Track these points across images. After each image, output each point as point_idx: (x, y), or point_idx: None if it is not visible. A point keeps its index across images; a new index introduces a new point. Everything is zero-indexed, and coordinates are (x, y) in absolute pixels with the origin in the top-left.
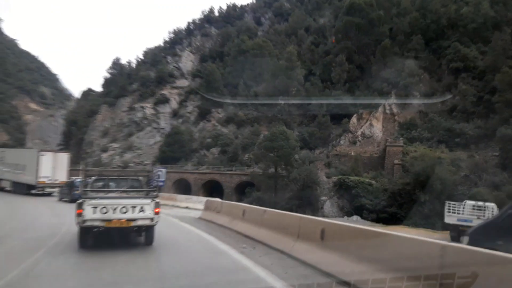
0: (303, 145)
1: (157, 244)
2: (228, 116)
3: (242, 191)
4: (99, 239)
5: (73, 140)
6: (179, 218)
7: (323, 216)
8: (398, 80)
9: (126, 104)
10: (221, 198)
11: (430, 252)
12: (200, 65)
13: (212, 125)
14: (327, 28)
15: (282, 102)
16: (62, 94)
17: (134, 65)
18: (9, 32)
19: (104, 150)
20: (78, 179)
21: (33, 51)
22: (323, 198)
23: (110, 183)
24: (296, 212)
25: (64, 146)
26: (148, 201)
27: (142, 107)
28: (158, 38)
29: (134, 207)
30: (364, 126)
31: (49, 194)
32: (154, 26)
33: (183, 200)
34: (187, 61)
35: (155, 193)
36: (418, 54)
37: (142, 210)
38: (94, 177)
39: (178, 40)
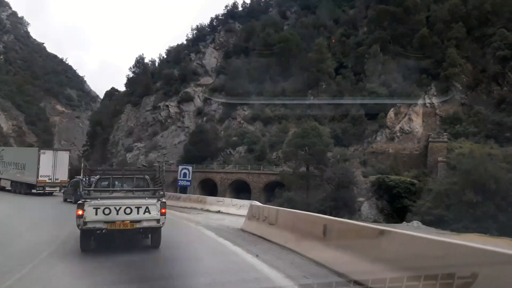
0: (336, 142)
1: None
2: (254, 113)
3: (271, 192)
4: (102, 242)
5: (98, 140)
6: (214, 230)
7: (361, 219)
8: (438, 71)
9: (150, 103)
10: (249, 199)
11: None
12: (224, 61)
13: (238, 123)
14: (358, 19)
15: (311, 99)
16: (88, 96)
17: (157, 64)
18: (37, 36)
19: (129, 150)
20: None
21: (60, 54)
22: (360, 199)
23: (115, 182)
24: (331, 214)
25: (89, 146)
26: (154, 201)
27: (166, 106)
28: (181, 35)
29: (138, 207)
30: (402, 121)
31: (50, 194)
32: (177, 24)
33: (213, 203)
34: (211, 57)
35: (161, 192)
36: (459, 43)
37: (147, 210)
38: (97, 176)
39: (201, 36)
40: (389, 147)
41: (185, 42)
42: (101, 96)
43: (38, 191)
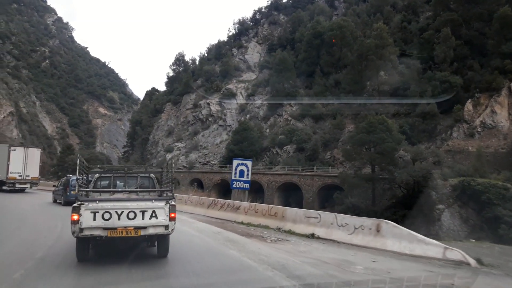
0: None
1: None
2: (304, 109)
3: (326, 196)
4: (101, 250)
5: (137, 140)
6: None
7: (442, 231)
8: None
9: (190, 101)
10: (301, 204)
11: None
12: (268, 55)
13: (285, 120)
14: (418, 4)
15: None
16: (129, 99)
17: (197, 62)
18: (80, 40)
19: (169, 150)
20: (74, 177)
21: (103, 58)
22: (440, 206)
23: (116, 182)
24: (404, 225)
25: (129, 147)
26: (161, 204)
27: (207, 104)
28: (222, 33)
29: (144, 211)
30: (483, 114)
31: (22, 190)
32: (218, 21)
33: (299, 219)
34: (254, 52)
35: (170, 194)
36: None
37: (154, 215)
38: (97, 175)
39: (243, 31)
40: (468, 144)
41: (226, 39)
42: (142, 98)
43: (8, 188)
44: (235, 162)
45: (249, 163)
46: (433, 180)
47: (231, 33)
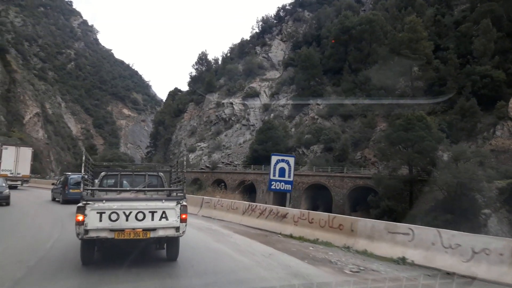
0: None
1: None
2: (331, 107)
3: (357, 199)
4: (106, 252)
5: (160, 140)
6: None
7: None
8: None
9: (213, 101)
10: (329, 207)
11: None
12: (292, 53)
13: (311, 119)
14: None
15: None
16: (153, 100)
17: (220, 62)
18: (105, 42)
19: (192, 150)
20: (73, 175)
21: (127, 60)
22: (486, 211)
23: (123, 181)
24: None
25: (152, 148)
26: (172, 204)
27: (230, 103)
28: (245, 31)
29: (153, 212)
30: None
31: (14, 187)
32: (241, 20)
33: (378, 235)
34: (278, 50)
35: (181, 194)
36: None
37: (164, 216)
38: (103, 173)
39: (267, 28)
40: None
41: (249, 37)
42: (165, 100)
43: None
44: (274, 159)
45: (292, 160)
46: (478, 182)
47: (254, 31)
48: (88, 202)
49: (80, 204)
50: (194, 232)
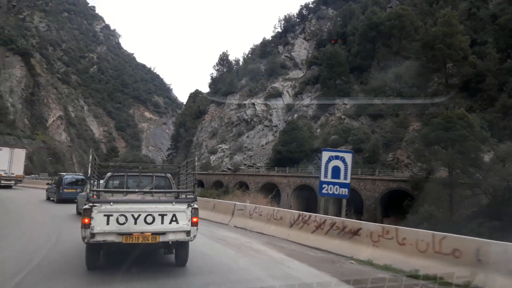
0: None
1: None
2: (360, 106)
3: (389, 203)
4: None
5: (181, 142)
6: None
7: None
8: None
9: (234, 102)
10: (360, 212)
11: None
12: (317, 51)
13: (338, 119)
14: None
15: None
16: (174, 103)
17: (241, 63)
18: (127, 46)
19: (213, 152)
20: (67, 176)
21: (148, 64)
22: None
23: (129, 182)
24: (494, 239)
25: (173, 150)
26: (183, 206)
27: (252, 103)
28: (266, 31)
29: (163, 215)
30: None
31: (9, 187)
32: (262, 19)
33: None
34: (301, 49)
35: (192, 196)
36: None
37: (174, 219)
38: (108, 174)
39: (289, 27)
40: None
41: (271, 37)
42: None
43: None
44: (325, 155)
45: (349, 157)
46: None
47: (276, 31)
48: (94, 204)
49: (86, 206)
50: (231, 253)
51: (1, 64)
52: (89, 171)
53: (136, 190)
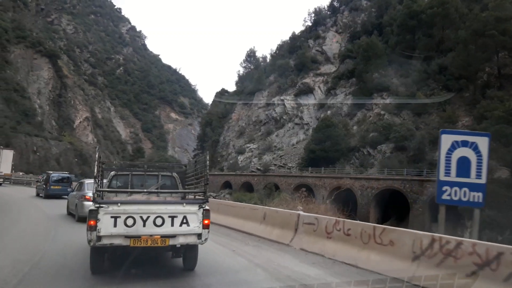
0: None
1: None
2: (401, 101)
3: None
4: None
5: (208, 142)
6: None
7: None
8: None
9: (262, 99)
10: (405, 218)
11: None
12: (350, 44)
13: (376, 115)
14: None
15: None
16: (199, 104)
17: (268, 59)
18: (153, 48)
19: (241, 152)
20: (54, 174)
21: (174, 65)
22: None
23: (134, 182)
24: None
25: (199, 150)
26: (194, 208)
27: (282, 100)
28: (295, 26)
29: (173, 217)
30: None
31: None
32: (289, 15)
33: None
34: (332, 42)
35: (204, 196)
36: None
37: (185, 221)
38: (112, 173)
39: (320, 20)
40: None
41: (300, 32)
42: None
43: None
44: (446, 140)
45: (484, 143)
46: None
47: (306, 24)
48: (101, 206)
49: (92, 207)
50: None
51: (29, 66)
52: (95, 170)
53: (144, 190)
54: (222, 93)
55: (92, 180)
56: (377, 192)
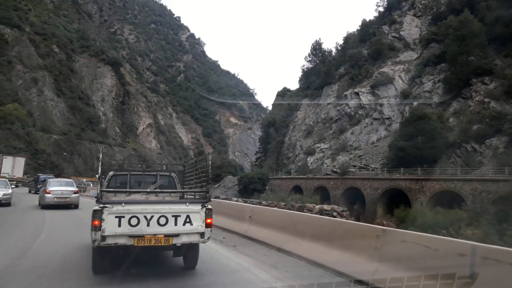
0: None
1: None
2: (509, 85)
3: None
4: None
5: (271, 144)
6: None
7: None
8: None
9: (332, 94)
10: None
11: None
12: (434, 26)
13: (478, 103)
14: None
15: None
16: (258, 108)
17: (333, 52)
18: (211, 54)
19: (310, 153)
20: (42, 176)
21: (232, 70)
22: None
23: (132, 181)
24: None
25: (262, 153)
26: (197, 207)
27: (356, 93)
28: (365, 14)
29: (177, 216)
30: None
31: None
32: (357, 2)
33: None
34: (411, 27)
35: (206, 195)
36: None
37: (188, 220)
38: (111, 173)
39: (394, 4)
40: None
41: (373, 18)
42: (270, 108)
43: None
44: None
45: None
46: None
47: (379, 10)
48: (105, 206)
49: (96, 207)
50: None
51: (93, 75)
52: (99, 170)
53: (147, 190)
54: (284, 92)
55: (54, 178)
56: (495, 198)
